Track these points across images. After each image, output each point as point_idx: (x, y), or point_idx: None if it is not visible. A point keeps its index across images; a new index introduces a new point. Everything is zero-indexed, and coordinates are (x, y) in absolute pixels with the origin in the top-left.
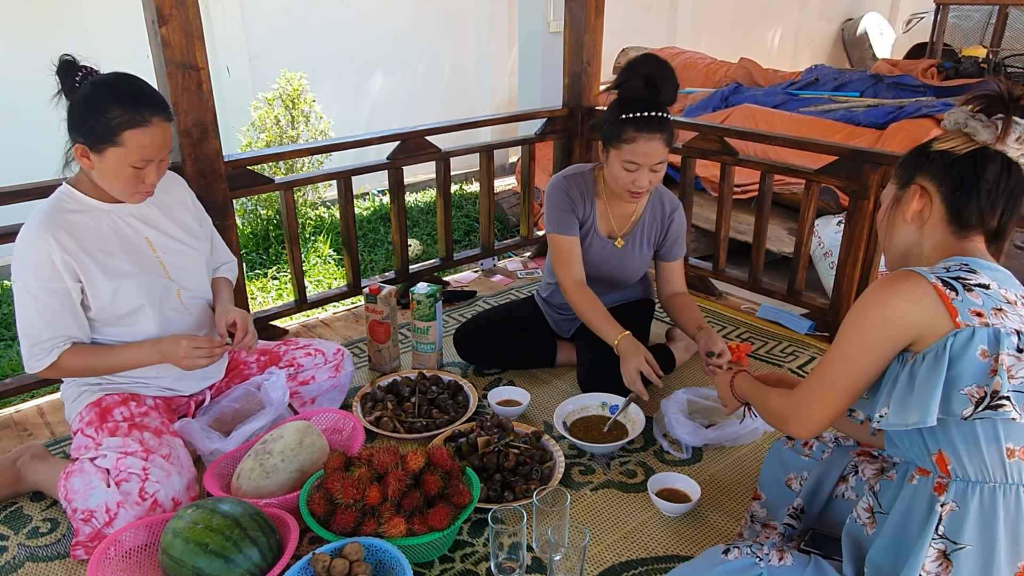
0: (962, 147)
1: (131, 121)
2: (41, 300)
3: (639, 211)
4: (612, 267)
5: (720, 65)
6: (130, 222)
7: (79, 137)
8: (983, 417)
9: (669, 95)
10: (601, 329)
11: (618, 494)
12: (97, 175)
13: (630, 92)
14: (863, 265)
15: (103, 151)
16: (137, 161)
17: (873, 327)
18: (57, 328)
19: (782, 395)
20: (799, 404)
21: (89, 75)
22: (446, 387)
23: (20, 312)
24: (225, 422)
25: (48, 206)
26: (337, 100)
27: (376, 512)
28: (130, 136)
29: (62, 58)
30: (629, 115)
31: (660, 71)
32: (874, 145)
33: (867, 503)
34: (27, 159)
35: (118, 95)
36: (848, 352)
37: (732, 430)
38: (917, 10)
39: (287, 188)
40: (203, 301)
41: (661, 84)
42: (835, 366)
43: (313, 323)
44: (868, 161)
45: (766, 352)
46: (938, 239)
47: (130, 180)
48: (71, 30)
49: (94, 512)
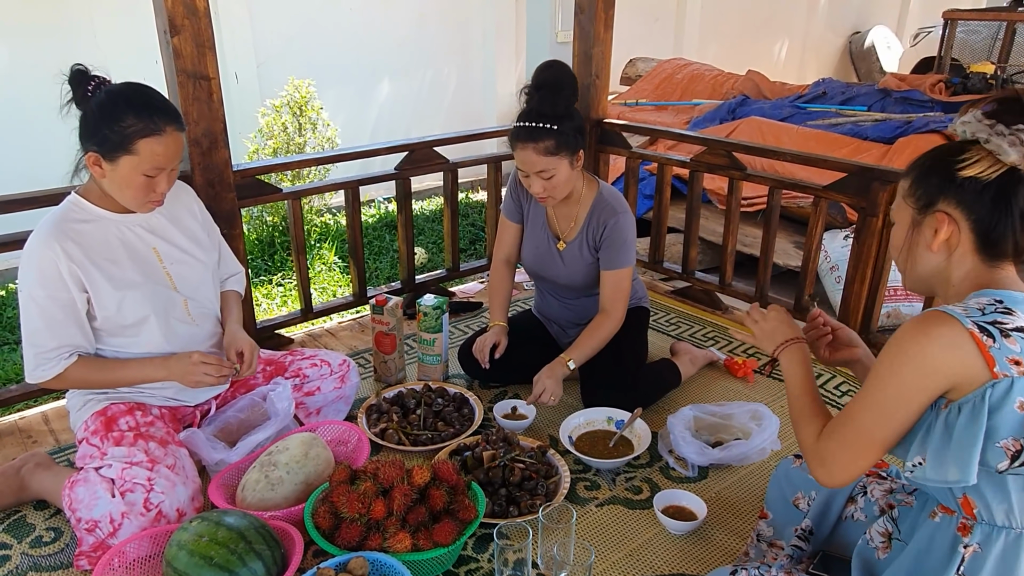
0: (990, 171)
1: (145, 130)
2: (46, 309)
3: (582, 216)
4: (556, 268)
5: (727, 77)
6: (137, 232)
7: (92, 145)
8: (1018, 473)
9: (550, 105)
10: (490, 308)
11: (624, 511)
12: (108, 184)
13: (523, 97)
14: (871, 282)
15: (116, 159)
16: (150, 170)
17: (911, 377)
18: (61, 338)
19: (816, 430)
20: (831, 453)
21: (101, 85)
22: (452, 399)
23: (25, 321)
24: (230, 432)
25: (56, 215)
26: (343, 107)
27: (381, 526)
28: (144, 145)
29: (74, 67)
30: (514, 124)
31: (547, 78)
32: (881, 160)
33: (884, 527)
34: (35, 164)
35: (133, 104)
36: (884, 401)
37: (739, 451)
38: (924, 24)
39: (294, 197)
40: (210, 312)
41: (545, 92)
42: (870, 416)
43: (319, 332)
44: (877, 178)
45: (774, 369)
46: (967, 269)
47: (142, 189)
48: (79, 34)
49: (98, 522)
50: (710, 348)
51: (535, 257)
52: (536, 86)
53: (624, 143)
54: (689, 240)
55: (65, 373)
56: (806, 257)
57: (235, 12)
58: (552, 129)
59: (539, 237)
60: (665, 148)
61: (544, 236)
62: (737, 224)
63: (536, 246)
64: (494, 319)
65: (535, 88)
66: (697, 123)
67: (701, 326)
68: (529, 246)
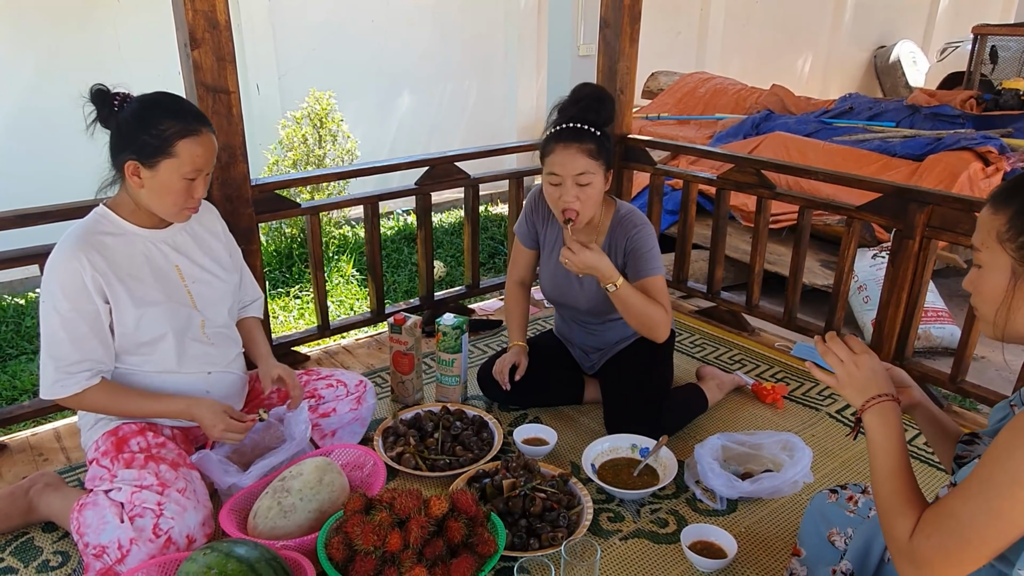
0: None
1: (184, 131)
2: (70, 322)
3: (600, 240)
4: (580, 298)
5: (751, 91)
6: (162, 249)
7: (130, 154)
8: None
9: (594, 112)
10: (508, 328)
11: (649, 545)
12: (147, 193)
13: (556, 113)
14: (907, 306)
15: (156, 164)
16: (189, 172)
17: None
18: (84, 352)
19: (910, 525)
20: (928, 560)
21: (126, 100)
22: (470, 423)
23: (47, 333)
24: (244, 453)
25: (82, 227)
26: (363, 119)
27: (397, 560)
28: (183, 146)
29: (94, 87)
30: (550, 130)
31: (588, 92)
32: (910, 177)
33: None
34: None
35: (168, 109)
36: (1003, 510)
37: (770, 484)
38: (951, 39)
39: (313, 213)
40: (225, 332)
41: (588, 101)
42: (983, 521)
43: (335, 349)
44: (915, 199)
45: (802, 394)
46: None
47: (181, 194)
48: (105, 49)
49: (106, 548)
50: (737, 372)
51: (554, 286)
52: (575, 100)
53: (648, 159)
54: (715, 259)
55: (85, 394)
56: (838, 279)
57: (257, 25)
58: (595, 134)
59: (557, 265)
60: (687, 163)
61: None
62: (765, 244)
63: (555, 275)
64: (513, 339)
65: (574, 101)
66: (720, 138)
67: (727, 349)
68: (547, 274)
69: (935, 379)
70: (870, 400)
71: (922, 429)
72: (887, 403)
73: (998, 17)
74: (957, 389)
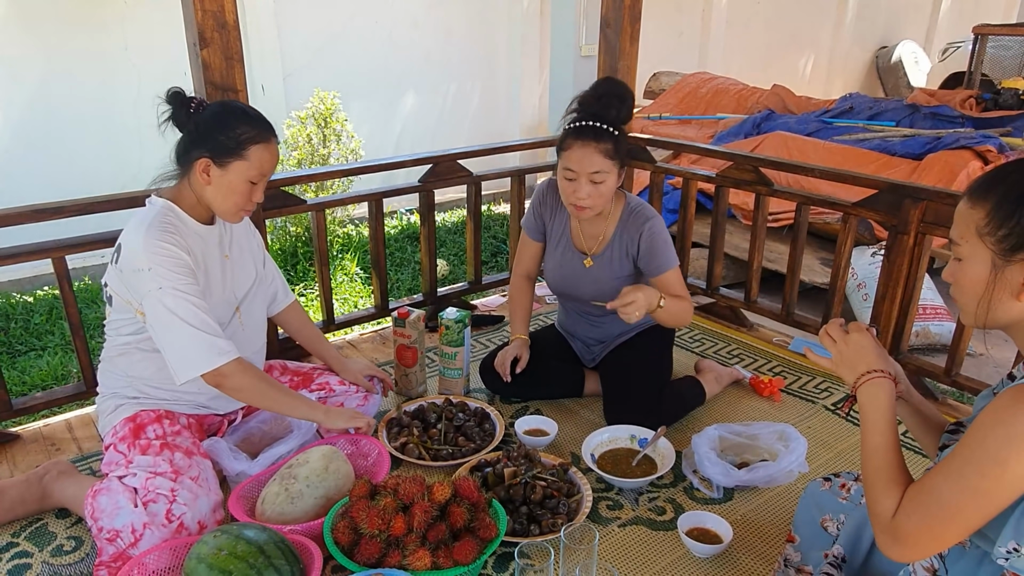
0: None
1: (258, 137)
2: (199, 299)
3: (609, 231)
4: (583, 286)
5: (752, 91)
6: (212, 245)
7: (204, 152)
8: None
9: (614, 110)
10: (511, 321)
11: (647, 532)
12: (212, 191)
13: (577, 105)
14: (902, 301)
15: (227, 164)
16: (255, 176)
17: (1018, 463)
18: (214, 326)
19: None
20: (910, 535)
21: (202, 104)
22: (473, 414)
23: (184, 315)
24: (253, 443)
25: (151, 217)
26: (368, 119)
27: (401, 543)
28: (255, 151)
29: (171, 90)
30: (569, 126)
31: (610, 88)
32: (910, 176)
33: (930, 563)
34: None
35: (247, 115)
36: (983, 487)
37: (766, 472)
38: (953, 39)
39: (319, 209)
40: (256, 326)
41: (609, 98)
42: (964, 500)
43: (340, 344)
44: (909, 195)
45: (799, 388)
46: None
47: (244, 195)
48: (112, 49)
49: (120, 532)
50: (735, 366)
51: (560, 276)
52: (597, 95)
53: (649, 157)
54: (714, 256)
55: (232, 366)
56: (834, 275)
57: (263, 25)
58: (614, 133)
59: (564, 255)
60: (688, 162)
61: (570, 254)
62: (763, 240)
63: (561, 264)
64: (515, 332)
65: (596, 97)
66: (721, 137)
67: (726, 343)
68: (552, 264)
69: (930, 373)
70: (862, 376)
71: (905, 421)
72: (878, 379)
73: (1000, 17)
74: (952, 382)
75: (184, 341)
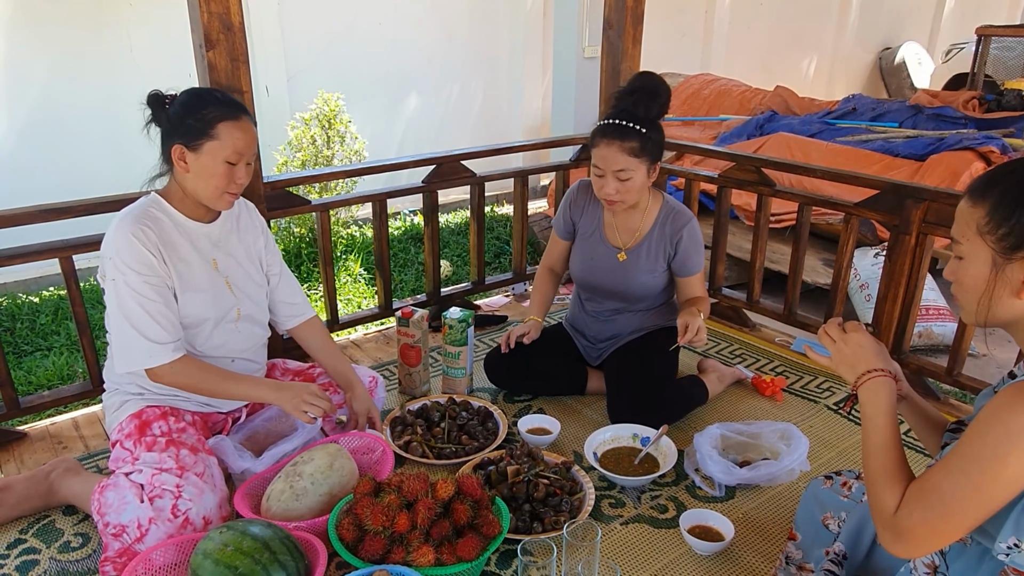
0: None
1: (225, 115)
2: (144, 295)
3: (646, 227)
4: (617, 280)
5: (755, 93)
6: (203, 242)
7: (176, 139)
8: None
9: (644, 108)
10: (530, 304)
11: (649, 529)
12: (192, 177)
13: (614, 98)
14: (904, 301)
15: (199, 147)
16: (231, 155)
17: (1018, 460)
18: (164, 324)
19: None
20: (911, 532)
21: (174, 98)
22: (476, 413)
23: (126, 311)
24: (257, 441)
25: (136, 207)
26: (371, 120)
27: (405, 540)
28: (224, 129)
29: (151, 93)
30: (600, 123)
31: (643, 83)
32: (913, 177)
33: (931, 559)
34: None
35: (213, 96)
36: (983, 484)
37: (767, 471)
38: (956, 40)
39: (323, 209)
40: (255, 324)
41: (640, 95)
42: (965, 496)
43: (344, 343)
44: (911, 195)
45: (801, 387)
46: None
47: (224, 177)
48: (118, 52)
49: (126, 527)
50: (737, 366)
51: (590, 268)
52: (630, 91)
53: None
54: (717, 256)
55: (174, 365)
56: (836, 275)
57: (267, 27)
58: (641, 132)
59: (594, 248)
60: (692, 163)
61: (602, 248)
62: (766, 241)
63: (590, 257)
64: (531, 313)
65: (629, 92)
66: (724, 138)
67: (728, 343)
68: (580, 257)
69: (932, 372)
70: (862, 376)
71: (908, 420)
72: (879, 378)
73: (1004, 19)
74: (954, 382)
75: (124, 337)
